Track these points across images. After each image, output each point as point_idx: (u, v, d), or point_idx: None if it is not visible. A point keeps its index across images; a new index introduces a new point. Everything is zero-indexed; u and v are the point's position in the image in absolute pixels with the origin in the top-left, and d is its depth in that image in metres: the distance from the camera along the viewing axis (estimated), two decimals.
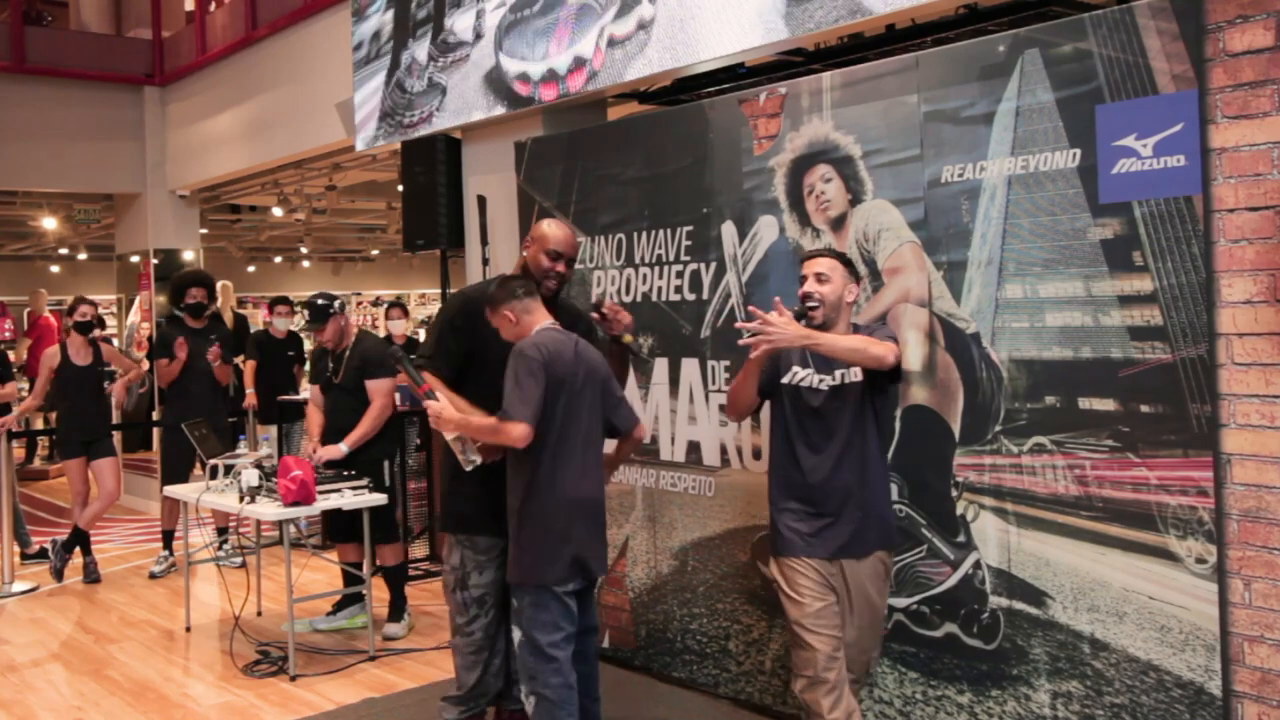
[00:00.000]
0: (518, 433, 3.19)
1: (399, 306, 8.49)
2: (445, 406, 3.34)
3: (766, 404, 3.35)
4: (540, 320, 3.38)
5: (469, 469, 3.41)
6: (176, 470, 6.47)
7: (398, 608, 5.28)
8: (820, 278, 3.17)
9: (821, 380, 3.18)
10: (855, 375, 3.14)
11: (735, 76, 4.75)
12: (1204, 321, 2.88)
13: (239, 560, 6.54)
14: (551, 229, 3.64)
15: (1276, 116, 2.76)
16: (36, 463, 11.07)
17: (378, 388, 5.11)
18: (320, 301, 5.23)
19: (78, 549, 6.52)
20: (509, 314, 3.36)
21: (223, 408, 6.82)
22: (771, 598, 4.00)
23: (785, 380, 3.24)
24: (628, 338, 3.58)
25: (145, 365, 8.52)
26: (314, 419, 5.36)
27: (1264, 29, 2.78)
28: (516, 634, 3.37)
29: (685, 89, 4.99)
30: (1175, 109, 2.93)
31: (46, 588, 6.45)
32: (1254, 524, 2.81)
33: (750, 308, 3.27)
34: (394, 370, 5.09)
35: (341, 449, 5.06)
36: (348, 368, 5.17)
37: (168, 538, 6.68)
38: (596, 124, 5.09)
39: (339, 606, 5.47)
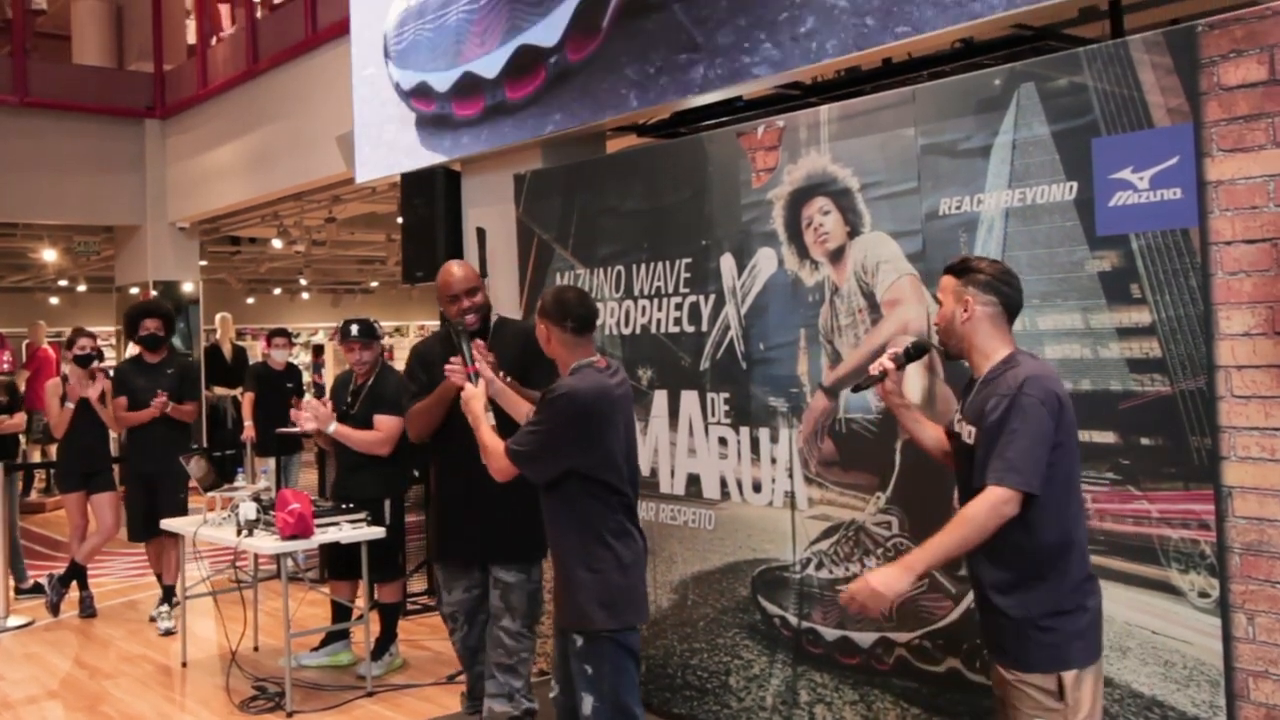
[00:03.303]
0: (497, 465, 3.11)
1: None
2: (477, 396, 3.29)
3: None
4: (582, 355, 3.12)
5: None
6: (136, 521, 6.10)
7: (381, 646, 5.23)
8: (939, 302, 2.69)
9: (970, 433, 2.59)
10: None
11: (732, 110, 4.78)
12: (1203, 354, 2.88)
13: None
14: (441, 275, 3.99)
15: (1271, 150, 2.77)
16: (34, 496, 11.02)
17: (384, 421, 5.06)
18: (373, 321, 5.36)
19: (74, 583, 6.48)
20: (542, 328, 3.16)
21: (174, 452, 5.84)
22: (772, 632, 3.98)
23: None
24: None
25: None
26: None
27: (1258, 63, 2.79)
28: (589, 702, 3.02)
29: (683, 122, 5.01)
30: (1171, 142, 2.94)
31: (42, 622, 6.40)
32: (1256, 558, 2.80)
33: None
34: (403, 411, 5.10)
35: (330, 426, 5.05)
36: (363, 401, 5.16)
37: (169, 591, 6.23)
38: (595, 156, 5.11)
39: (325, 643, 5.43)
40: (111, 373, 6.43)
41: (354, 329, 5.23)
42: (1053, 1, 3.31)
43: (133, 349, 6.59)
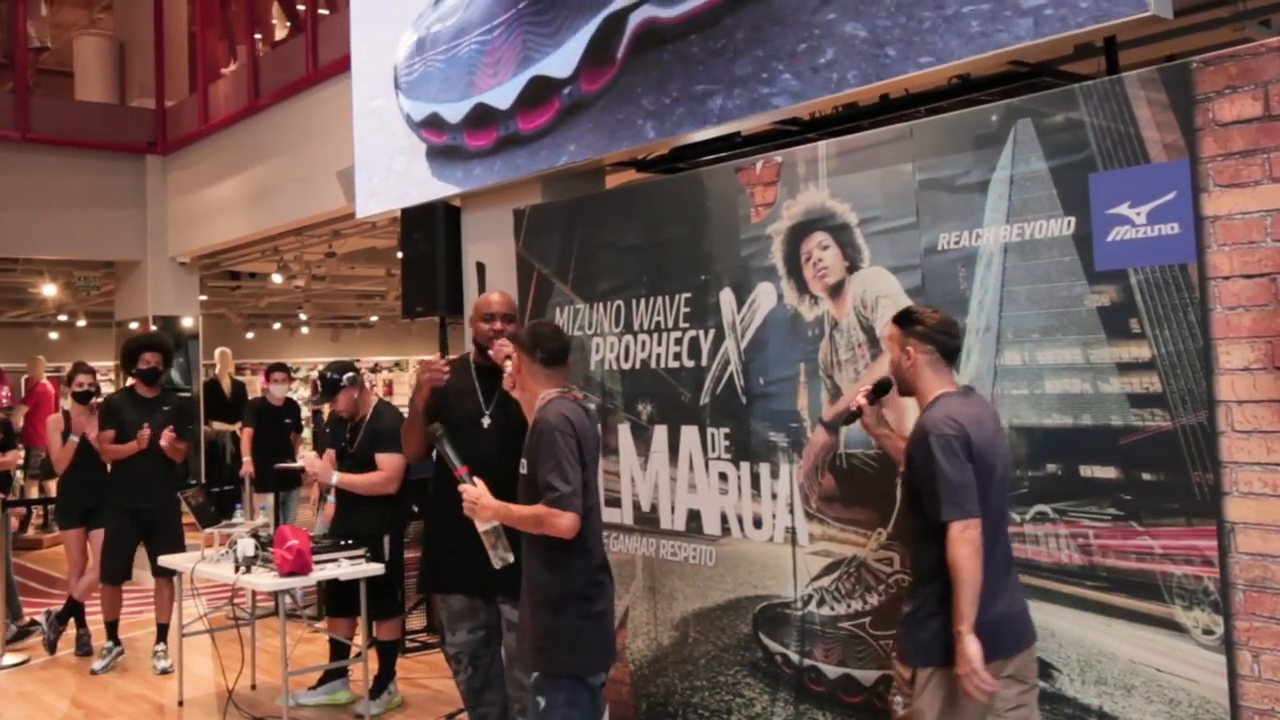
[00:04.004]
0: (566, 523, 2.97)
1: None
2: (483, 493, 3.18)
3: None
4: (551, 387, 3.21)
5: (499, 566, 3.25)
6: (118, 561, 6.05)
7: (380, 684, 5.18)
8: (889, 351, 3.11)
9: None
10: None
11: (731, 145, 4.81)
12: (1203, 389, 2.88)
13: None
14: (482, 295, 3.90)
15: (1268, 185, 2.79)
16: (31, 532, 10.96)
17: (387, 460, 5.03)
18: (330, 375, 5.20)
19: (71, 620, 6.43)
20: (518, 360, 3.24)
21: (172, 489, 6.05)
22: (774, 670, 3.95)
23: None
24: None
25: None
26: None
27: (1252, 99, 2.81)
28: None
29: (682, 157, 5.04)
30: (1167, 177, 2.96)
31: (38, 660, 6.35)
32: (1260, 594, 2.78)
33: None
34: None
35: (333, 477, 5.03)
36: (362, 440, 5.13)
37: (111, 628, 6.21)
38: (595, 191, 5.13)
39: (323, 681, 5.38)
40: (102, 403, 6.36)
41: (317, 387, 5.23)
42: (1080, 30, 3.21)
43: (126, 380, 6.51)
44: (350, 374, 5.19)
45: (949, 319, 3.02)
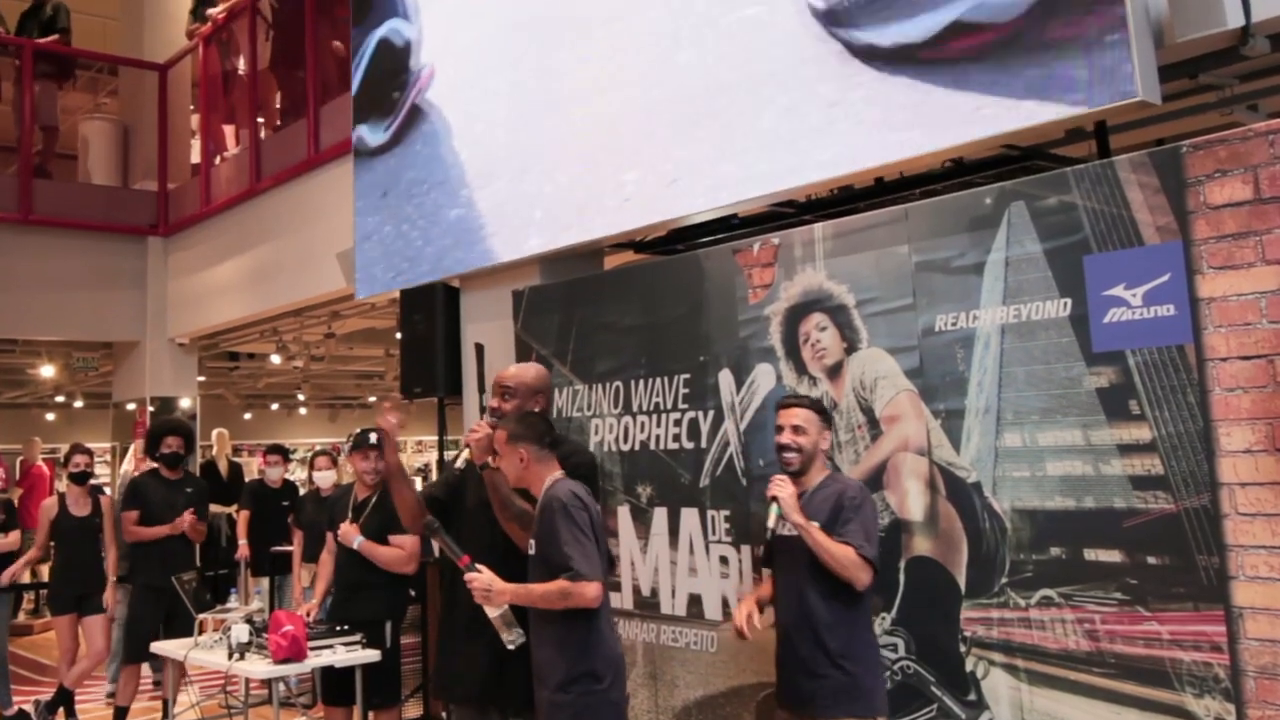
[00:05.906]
0: (593, 592, 3.04)
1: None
2: (493, 579, 3.18)
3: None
4: (554, 471, 3.28)
5: (512, 648, 3.20)
6: (141, 639, 5.99)
7: None
8: (797, 429, 3.33)
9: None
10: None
11: (728, 227, 4.85)
12: (1205, 471, 2.86)
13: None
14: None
15: (1261, 267, 2.81)
16: (21, 617, 10.79)
17: (405, 540, 4.93)
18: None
19: (61, 710, 6.29)
20: (522, 453, 3.25)
21: (192, 565, 6.23)
22: None
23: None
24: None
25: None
26: (327, 568, 5.23)
27: (1243, 183, 2.85)
28: None
29: (680, 239, 5.08)
30: (1161, 259, 2.98)
31: None
32: (1272, 681, 2.73)
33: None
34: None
35: (355, 541, 4.88)
36: (371, 516, 5.05)
37: (119, 716, 6.12)
38: (593, 273, 5.17)
39: None
40: (127, 485, 6.42)
41: (373, 437, 5.14)
42: (1072, 114, 3.22)
43: (127, 460, 6.52)
44: None
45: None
